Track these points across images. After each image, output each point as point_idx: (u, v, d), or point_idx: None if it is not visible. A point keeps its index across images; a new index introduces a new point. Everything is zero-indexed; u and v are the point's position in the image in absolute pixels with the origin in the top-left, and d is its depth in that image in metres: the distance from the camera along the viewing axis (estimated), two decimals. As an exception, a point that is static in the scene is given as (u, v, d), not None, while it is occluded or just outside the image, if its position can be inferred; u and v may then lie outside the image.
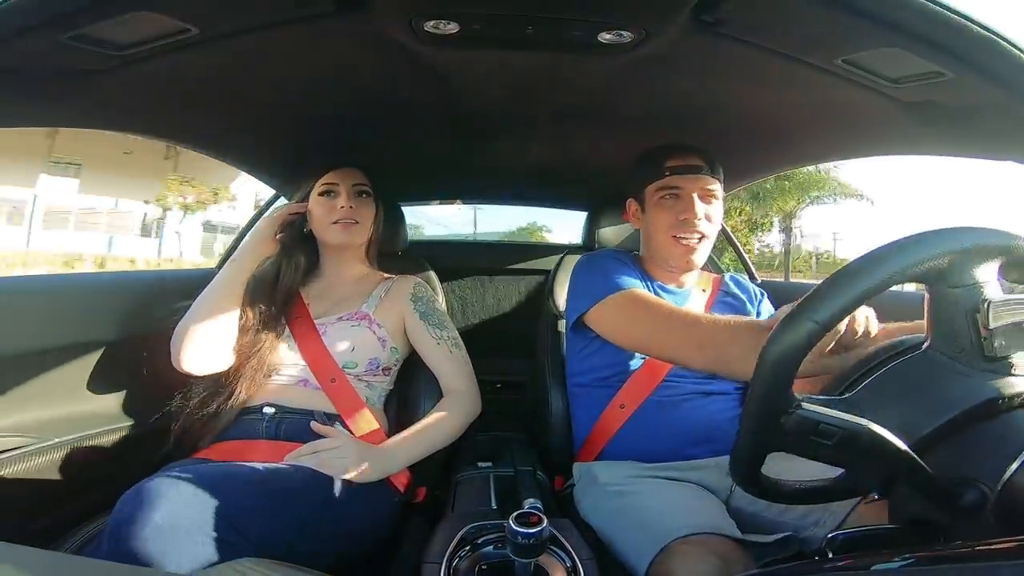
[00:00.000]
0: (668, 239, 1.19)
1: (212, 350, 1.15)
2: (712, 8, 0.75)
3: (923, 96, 0.89)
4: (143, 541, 0.71)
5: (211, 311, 1.17)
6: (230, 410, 1.11)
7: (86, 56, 0.81)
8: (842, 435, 0.48)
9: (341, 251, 1.35)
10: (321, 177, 1.30)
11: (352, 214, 1.29)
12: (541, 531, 0.69)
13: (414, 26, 0.81)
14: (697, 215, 1.15)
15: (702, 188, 1.17)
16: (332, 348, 1.20)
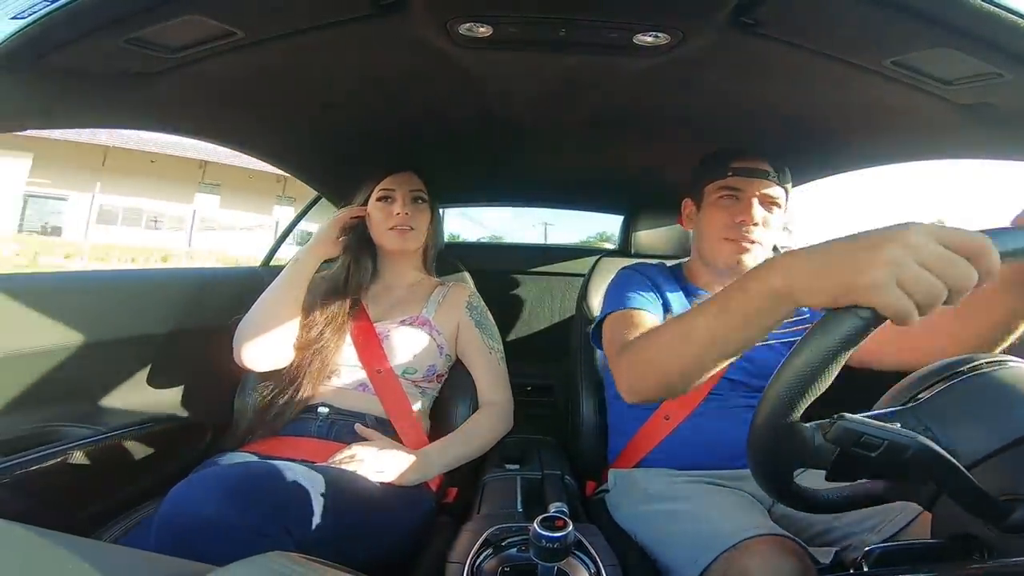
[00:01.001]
0: (719, 240, 1.15)
1: (273, 349, 1.18)
2: (752, 9, 0.73)
3: (979, 98, 0.85)
4: (192, 534, 0.72)
5: (274, 310, 1.20)
6: (292, 409, 1.14)
7: (141, 59, 0.85)
8: (887, 447, 0.46)
9: (398, 256, 1.38)
10: (380, 181, 1.33)
11: (408, 220, 1.31)
12: (566, 535, 0.68)
13: (449, 29, 0.82)
14: (754, 219, 1.10)
15: (763, 193, 1.12)
16: (393, 352, 1.22)
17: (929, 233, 0.48)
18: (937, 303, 0.46)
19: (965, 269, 0.46)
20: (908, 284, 0.46)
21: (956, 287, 0.46)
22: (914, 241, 0.47)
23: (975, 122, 0.93)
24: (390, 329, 1.25)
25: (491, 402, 1.29)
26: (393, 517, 1.00)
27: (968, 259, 0.46)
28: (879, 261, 0.47)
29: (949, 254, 0.46)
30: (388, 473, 1.02)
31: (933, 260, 0.46)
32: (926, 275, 0.46)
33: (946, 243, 0.47)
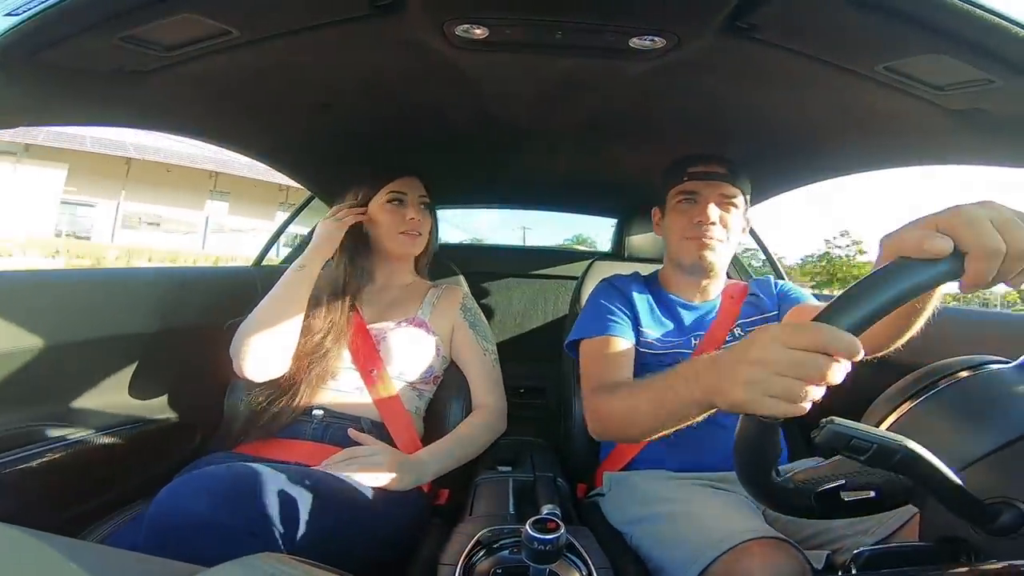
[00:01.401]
0: (681, 239, 1.20)
1: (277, 359, 1.15)
2: (748, 13, 0.73)
3: (971, 104, 0.86)
4: (183, 535, 0.72)
5: (278, 320, 1.15)
6: (288, 414, 1.12)
7: (135, 57, 0.85)
8: (875, 451, 0.46)
9: (398, 259, 1.37)
10: (387, 183, 1.31)
11: (418, 225, 1.31)
12: (558, 538, 0.68)
13: (445, 30, 0.82)
14: (710, 218, 1.15)
15: (720, 194, 1.17)
16: (391, 355, 1.21)
17: (775, 341, 0.53)
18: (811, 396, 0.51)
19: (822, 363, 0.49)
20: (775, 392, 0.52)
21: (820, 381, 0.50)
22: (762, 356, 0.53)
23: (966, 128, 0.94)
24: (387, 331, 1.24)
25: (485, 405, 1.29)
26: (386, 520, 0.99)
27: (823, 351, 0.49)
28: (741, 380, 0.55)
29: (800, 356, 0.50)
30: (383, 478, 1.01)
31: (787, 368, 0.51)
32: (788, 382, 0.51)
33: (793, 346, 0.51)
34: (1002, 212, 0.46)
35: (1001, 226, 0.45)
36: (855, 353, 0.48)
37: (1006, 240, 0.45)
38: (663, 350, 1.17)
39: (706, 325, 1.21)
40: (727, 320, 1.22)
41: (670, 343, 1.19)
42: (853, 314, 0.48)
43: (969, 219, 0.46)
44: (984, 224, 0.45)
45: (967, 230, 0.45)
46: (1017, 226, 0.46)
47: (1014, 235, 0.45)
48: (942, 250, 0.45)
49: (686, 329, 1.22)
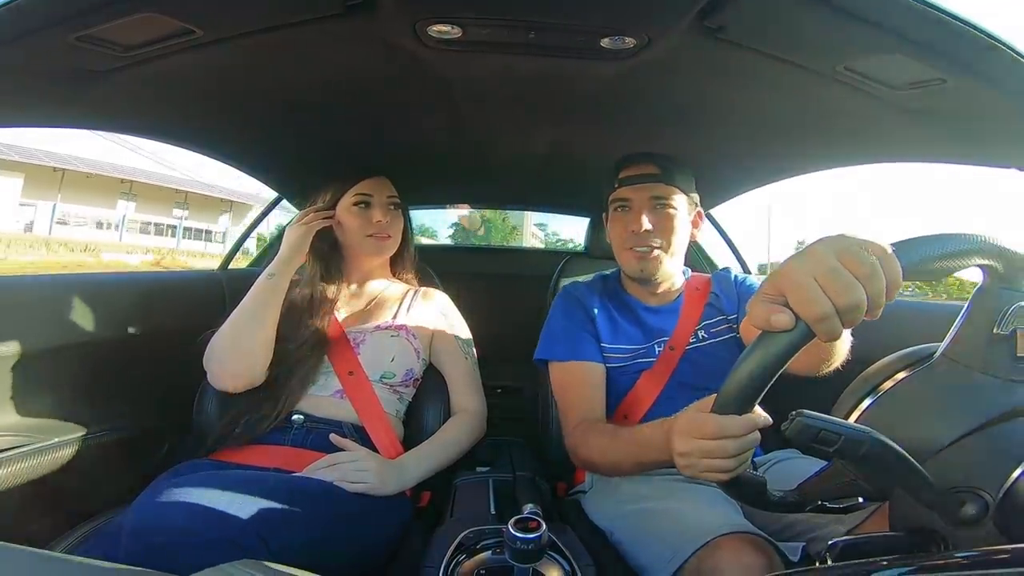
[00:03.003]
0: (622, 251, 1.19)
1: (252, 368, 1.12)
2: (715, 13, 0.75)
3: (924, 103, 0.89)
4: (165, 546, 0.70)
5: (250, 328, 1.12)
6: (267, 423, 1.09)
7: (92, 57, 0.82)
8: (843, 442, 0.48)
9: (371, 261, 1.34)
10: (353, 185, 1.28)
11: (386, 227, 1.29)
12: (539, 536, 0.68)
13: (418, 30, 0.81)
14: (643, 226, 1.12)
15: (652, 197, 1.15)
16: (371, 358, 1.19)
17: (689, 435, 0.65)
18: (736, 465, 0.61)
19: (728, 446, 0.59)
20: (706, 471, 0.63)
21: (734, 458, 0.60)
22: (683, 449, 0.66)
23: (920, 126, 0.98)
24: (365, 335, 1.22)
25: (466, 409, 1.28)
26: (370, 525, 0.99)
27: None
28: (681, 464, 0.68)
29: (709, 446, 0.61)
30: (365, 484, 1.00)
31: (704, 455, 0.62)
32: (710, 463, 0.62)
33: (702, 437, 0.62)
34: (824, 263, 0.46)
35: (824, 283, 0.46)
36: (752, 429, 0.58)
37: (832, 299, 0.45)
38: (626, 361, 1.18)
39: (669, 331, 1.20)
40: (689, 324, 1.21)
41: (633, 351, 1.19)
42: (738, 397, 0.52)
43: (794, 285, 0.47)
44: (808, 288, 0.46)
45: (794, 298, 0.47)
46: (837, 277, 0.45)
47: (837, 292, 0.45)
48: (784, 324, 0.47)
49: (649, 335, 1.20)
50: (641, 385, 1.16)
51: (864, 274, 0.45)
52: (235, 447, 1.08)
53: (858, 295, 0.45)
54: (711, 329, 1.21)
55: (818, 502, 0.59)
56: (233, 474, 0.85)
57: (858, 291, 0.45)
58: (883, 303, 0.46)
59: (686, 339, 1.19)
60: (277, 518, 0.81)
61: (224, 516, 0.75)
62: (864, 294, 0.45)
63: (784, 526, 0.96)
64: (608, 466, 1.00)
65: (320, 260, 1.29)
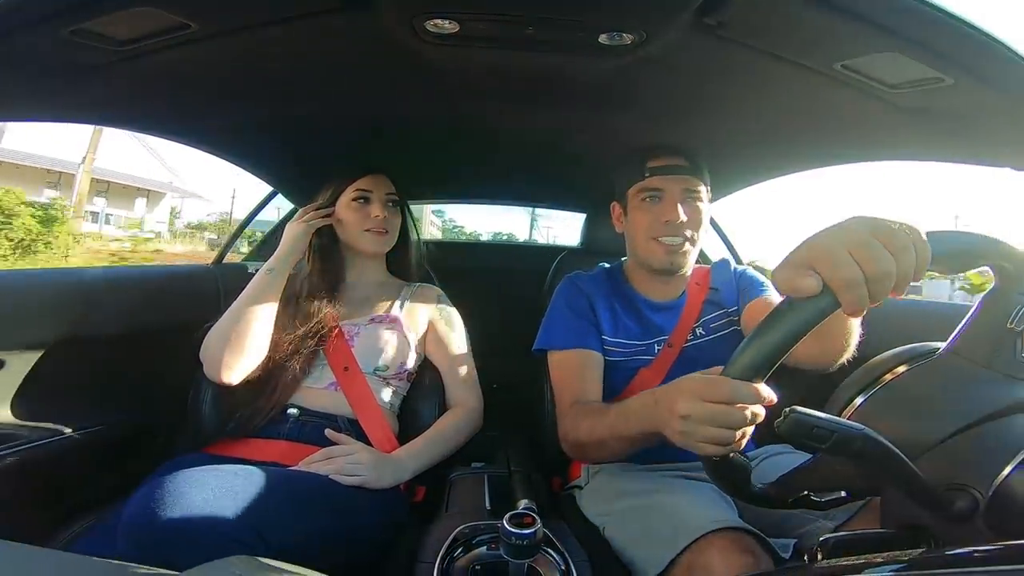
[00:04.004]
0: (649, 242, 1.16)
1: (249, 361, 1.12)
2: (714, 10, 0.74)
3: (922, 102, 0.89)
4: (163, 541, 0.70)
5: (248, 322, 1.13)
6: (261, 415, 1.11)
7: (87, 51, 0.81)
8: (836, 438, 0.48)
9: (369, 257, 1.36)
10: (354, 181, 1.30)
11: (384, 224, 1.30)
12: (535, 532, 0.69)
13: (415, 25, 0.81)
14: (680, 216, 1.11)
15: (684, 189, 1.14)
16: (364, 350, 1.20)
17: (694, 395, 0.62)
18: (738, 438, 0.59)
19: (734, 413, 0.58)
20: (704, 439, 0.60)
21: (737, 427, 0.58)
22: (686, 411, 0.62)
23: (917, 125, 0.98)
24: (359, 327, 1.23)
25: (461, 404, 1.29)
26: (365, 519, 0.99)
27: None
28: (676, 429, 0.64)
29: (715, 409, 0.59)
30: (362, 477, 1.01)
31: (707, 419, 0.60)
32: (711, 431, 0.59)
33: (708, 399, 0.60)
34: (856, 234, 0.47)
35: (856, 251, 0.46)
36: (760, 400, 0.55)
37: (862, 266, 0.45)
38: (625, 356, 1.18)
39: (670, 329, 1.19)
40: (690, 318, 1.21)
41: (633, 347, 1.18)
42: (751, 364, 0.52)
43: (825, 252, 0.47)
44: (839, 255, 0.46)
45: (824, 265, 0.47)
46: (869, 247, 0.46)
47: (867, 260, 0.45)
48: (810, 288, 0.47)
49: (650, 333, 1.20)
50: (637, 382, 1.16)
51: (897, 247, 0.46)
52: (230, 441, 1.09)
53: (888, 265, 0.45)
54: (710, 325, 1.21)
55: (801, 493, 0.59)
56: (229, 469, 0.85)
57: (889, 262, 0.45)
58: (910, 280, 0.47)
59: (684, 337, 1.19)
60: (273, 513, 0.81)
61: (220, 511, 0.75)
62: (894, 266, 0.45)
63: (775, 522, 0.96)
64: (595, 446, 0.96)
65: (318, 256, 1.31)
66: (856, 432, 0.48)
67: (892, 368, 0.58)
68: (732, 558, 0.76)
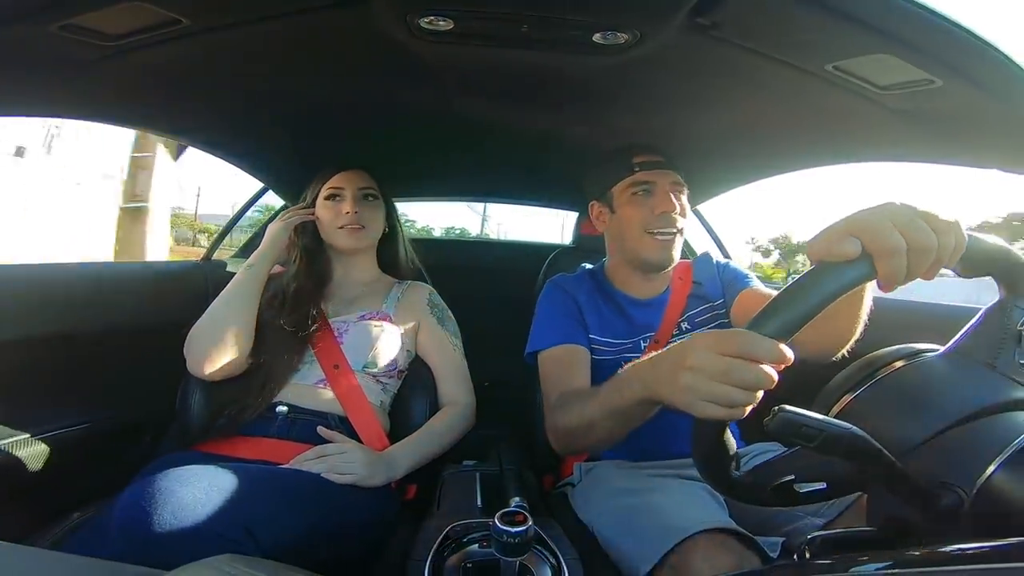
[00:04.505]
0: (644, 236, 1.16)
1: (231, 359, 1.13)
2: (708, 11, 0.75)
3: (912, 103, 0.90)
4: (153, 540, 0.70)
5: (228, 317, 1.15)
6: (249, 413, 1.10)
7: (76, 47, 0.81)
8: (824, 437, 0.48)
9: (351, 254, 1.35)
10: (328, 179, 1.30)
11: (357, 220, 1.28)
12: (526, 530, 0.69)
13: (409, 22, 0.81)
14: (675, 206, 1.14)
15: (672, 182, 1.17)
16: (353, 347, 1.20)
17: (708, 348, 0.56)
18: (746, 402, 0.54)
19: (750, 369, 0.53)
20: (712, 397, 0.55)
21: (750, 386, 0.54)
22: (697, 364, 0.57)
23: (908, 126, 0.98)
24: (349, 324, 1.23)
25: (454, 402, 1.29)
26: (357, 517, 0.99)
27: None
28: (680, 386, 0.59)
29: (730, 363, 0.54)
30: (353, 475, 1.00)
31: (719, 374, 0.55)
32: (722, 388, 0.54)
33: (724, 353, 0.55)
34: (902, 210, 0.49)
35: (900, 224, 0.47)
36: (780, 359, 0.52)
37: (906, 237, 0.47)
38: (611, 355, 1.18)
39: (655, 325, 1.21)
40: (674, 314, 1.22)
41: (618, 346, 1.19)
42: (777, 320, 0.51)
43: (870, 221, 0.48)
44: (884, 224, 0.48)
45: (868, 231, 0.48)
46: (914, 222, 0.48)
47: (912, 231, 0.47)
48: (850, 253, 0.47)
49: (635, 330, 1.21)
50: None
51: (940, 227, 0.48)
52: (219, 439, 1.08)
53: (931, 240, 0.48)
54: (695, 320, 1.22)
55: (783, 479, 0.58)
56: (219, 467, 0.84)
57: (931, 237, 0.48)
58: (945, 262, 0.49)
59: (670, 332, 1.20)
60: (264, 511, 0.81)
61: (211, 509, 0.74)
62: (936, 243, 0.48)
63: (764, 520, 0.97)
64: (583, 430, 0.91)
65: (305, 253, 1.31)
66: (844, 431, 0.49)
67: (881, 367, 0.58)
68: (716, 559, 0.77)
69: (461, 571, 0.75)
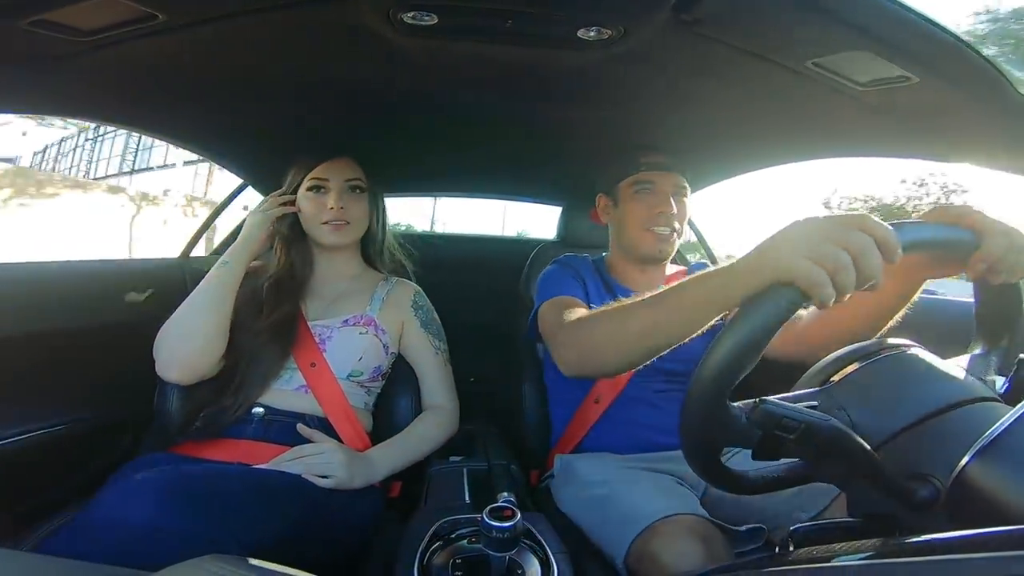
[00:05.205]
0: (641, 231, 1.22)
1: (202, 362, 1.08)
2: (690, 7, 0.75)
3: (888, 100, 0.91)
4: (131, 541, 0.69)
5: (201, 317, 1.09)
6: (228, 416, 1.06)
7: (48, 42, 0.79)
8: (804, 429, 0.50)
9: (335, 250, 1.28)
10: (312, 169, 1.22)
11: (343, 215, 1.21)
12: (515, 525, 0.69)
13: (392, 17, 0.80)
14: (672, 208, 1.19)
15: (674, 185, 1.22)
16: (337, 356, 1.15)
17: (827, 217, 0.54)
18: (846, 282, 0.50)
19: (866, 242, 0.50)
20: (819, 256, 0.50)
21: (861, 259, 0.50)
22: (815, 223, 0.54)
23: (885, 122, 1.00)
24: (332, 329, 1.18)
25: (438, 406, 1.26)
26: (340, 518, 0.98)
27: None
28: (791, 237, 0.54)
29: (849, 230, 0.51)
30: (334, 478, 0.99)
31: (836, 234, 0.51)
32: (833, 250, 0.50)
33: (845, 224, 0.52)
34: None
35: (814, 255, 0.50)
36: (894, 245, 0.50)
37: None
38: None
39: None
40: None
41: None
42: (905, 231, 0.53)
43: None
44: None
45: (981, 219, 0.57)
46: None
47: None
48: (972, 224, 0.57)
49: None
50: None
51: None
52: (196, 441, 1.05)
53: (842, 257, 0.50)
54: None
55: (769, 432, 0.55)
56: (197, 468, 0.83)
57: (843, 255, 0.50)
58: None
59: None
60: (244, 512, 0.80)
61: (190, 510, 0.74)
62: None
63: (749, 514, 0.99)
64: (606, 340, 0.81)
65: (284, 247, 1.25)
66: (823, 423, 0.50)
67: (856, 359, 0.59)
68: (677, 545, 0.79)
69: (450, 567, 0.76)
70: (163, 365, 1.07)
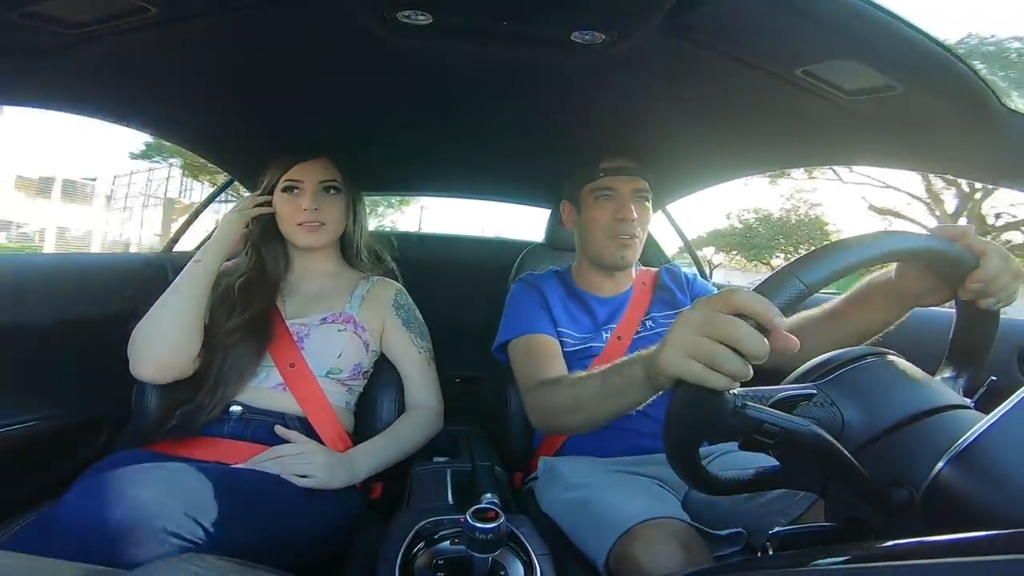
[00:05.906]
0: (604, 239, 1.24)
1: (176, 361, 1.07)
2: (684, 13, 0.76)
3: (875, 109, 0.92)
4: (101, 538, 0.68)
5: (174, 315, 1.07)
6: (204, 415, 1.04)
7: (41, 34, 0.78)
8: (784, 435, 0.50)
9: (309, 249, 1.27)
10: (287, 170, 1.22)
11: (317, 216, 1.20)
12: (498, 526, 0.69)
13: (386, 16, 0.79)
14: (632, 214, 1.20)
15: (635, 189, 1.23)
16: (316, 352, 1.15)
17: (706, 305, 0.55)
18: (731, 367, 0.51)
19: (737, 326, 0.51)
20: (697, 355, 0.52)
21: (736, 343, 0.51)
22: (690, 319, 0.56)
23: (872, 131, 1.01)
24: (310, 327, 1.17)
25: (422, 406, 1.25)
26: (319, 519, 0.97)
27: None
28: (671, 341, 0.57)
29: (718, 317, 0.52)
30: (313, 479, 0.98)
31: (706, 327, 0.53)
32: (708, 345, 0.52)
33: (715, 309, 0.53)
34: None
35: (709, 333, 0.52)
36: (770, 317, 0.49)
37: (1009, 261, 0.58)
38: (577, 345, 1.21)
39: (617, 318, 1.26)
40: (638, 311, 1.27)
41: (584, 337, 1.22)
42: (781, 291, 0.51)
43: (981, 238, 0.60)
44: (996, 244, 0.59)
45: (981, 241, 0.60)
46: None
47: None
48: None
49: (599, 323, 1.25)
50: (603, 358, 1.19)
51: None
52: (173, 439, 1.03)
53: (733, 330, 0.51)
54: (659, 320, 1.26)
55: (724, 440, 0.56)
56: (174, 465, 0.82)
57: (730, 328, 0.51)
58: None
59: (634, 329, 1.24)
60: (220, 511, 0.78)
61: (166, 508, 0.72)
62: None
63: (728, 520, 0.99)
64: (573, 407, 0.89)
65: (260, 247, 1.24)
66: (803, 428, 0.50)
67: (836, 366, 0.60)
68: (657, 548, 0.79)
69: (433, 568, 0.75)
70: (136, 363, 1.06)
